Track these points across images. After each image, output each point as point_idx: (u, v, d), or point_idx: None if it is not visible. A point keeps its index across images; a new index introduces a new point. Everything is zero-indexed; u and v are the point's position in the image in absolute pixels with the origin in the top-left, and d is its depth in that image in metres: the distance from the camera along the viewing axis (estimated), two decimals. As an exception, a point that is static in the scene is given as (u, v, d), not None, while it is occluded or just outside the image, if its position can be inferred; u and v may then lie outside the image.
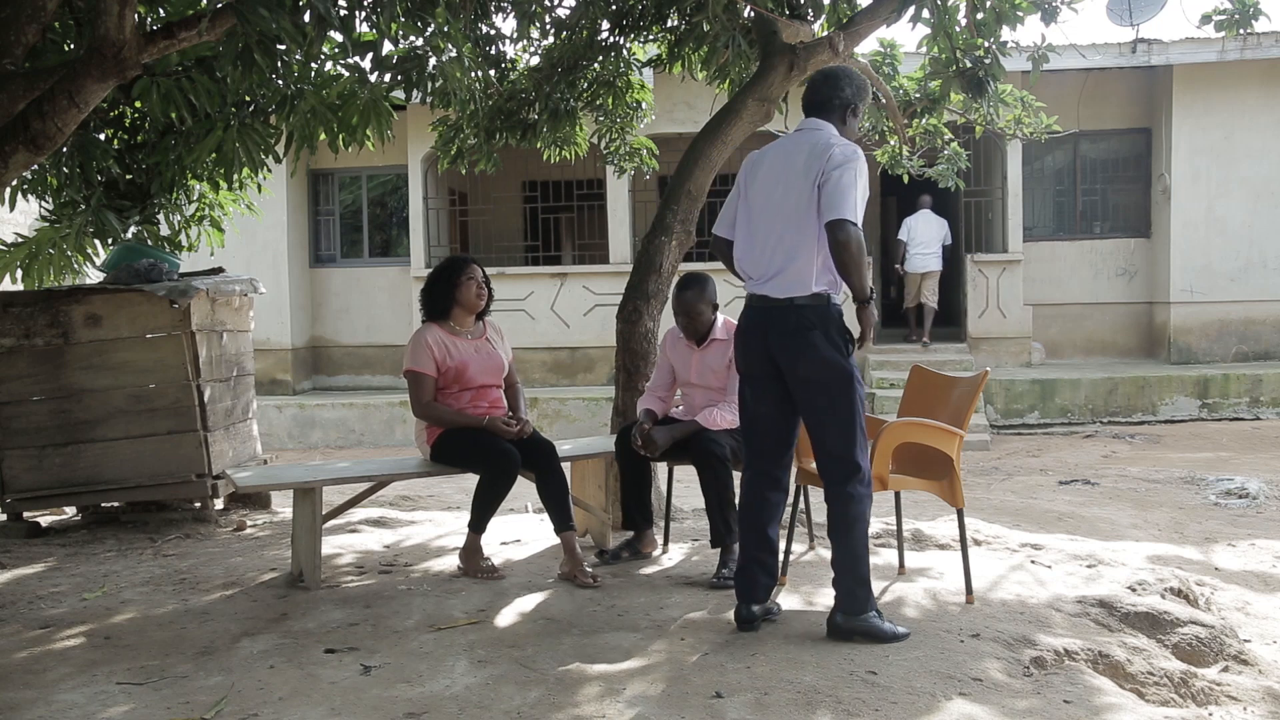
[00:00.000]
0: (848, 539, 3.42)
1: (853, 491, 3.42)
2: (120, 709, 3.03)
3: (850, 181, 3.28)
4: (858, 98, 3.56)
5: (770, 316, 3.42)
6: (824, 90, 3.54)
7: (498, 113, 6.20)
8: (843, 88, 3.53)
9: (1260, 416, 11.32)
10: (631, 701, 2.97)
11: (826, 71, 3.65)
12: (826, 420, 3.42)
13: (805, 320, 3.36)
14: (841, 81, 3.55)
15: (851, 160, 3.32)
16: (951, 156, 7.25)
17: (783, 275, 3.39)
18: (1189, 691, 3.41)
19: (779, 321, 3.39)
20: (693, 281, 4.49)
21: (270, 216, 11.72)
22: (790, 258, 3.37)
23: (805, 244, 3.35)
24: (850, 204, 3.26)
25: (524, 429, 4.43)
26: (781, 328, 3.38)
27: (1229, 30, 5.58)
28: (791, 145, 3.48)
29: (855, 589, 3.40)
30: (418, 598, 4.09)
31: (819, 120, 3.51)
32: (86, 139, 5.42)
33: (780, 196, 3.43)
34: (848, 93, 3.53)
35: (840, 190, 3.27)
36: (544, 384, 12.86)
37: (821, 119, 3.52)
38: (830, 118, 3.52)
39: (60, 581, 4.63)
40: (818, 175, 3.32)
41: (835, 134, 3.46)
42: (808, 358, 3.36)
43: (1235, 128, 12.26)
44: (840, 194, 3.26)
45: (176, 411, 5.61)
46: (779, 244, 3.41)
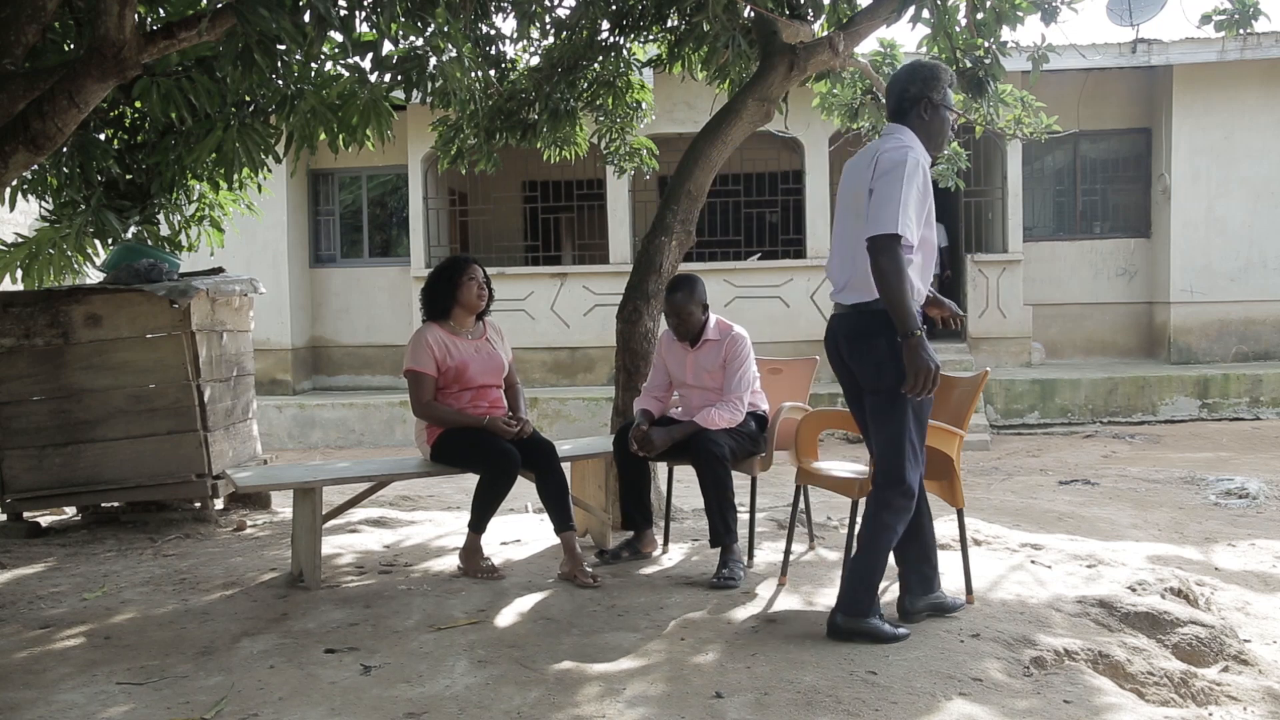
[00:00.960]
0: (870, 545, 3.40)
1: (890, 501, 3.38)
2: (120, 709, 3.03)
3: (896, 191, 3.15)
4: (927, 89, 3.38)
5: (842, 323, 3.45)
6: (894, 96, 3.45)
7: (498, 113, 6.20)
8: (906, 87, 3.41)
9: (1260, 416, 11.32)
10: (631, 701, 2.97)
11: (894, 75, 3.51)
12: (879, 426, 3.40)
13: (870, 326, 3.33)
14: (906, 80, 3.42)
15: (898, 165, 3.19)
16: (951, 156, 7.25)
17: (850, 283, 3.39)
18: (1189, 691, 3.41)
19: (847, 327, 3.40)
20: (682, 283, 4.50)
21: (270, 216, 11.73)
22: (855, 266, 3.33)
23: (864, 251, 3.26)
24: (890, 215, 3.13)
25: (524, 429, 4.43)
26: (849, 333, 3.40)
27: (1229, 30, 5.58)
28: (862, 154, 3.43)
29: (860, 593, 3.39)
30: (418, 598, 4.09)
31: (894, 125, 3.42)
32: (86, 139, 5.42)
33: (847, 206, 3.43)
34: (913, 90, 3.39)
35: (881, 200, 3.17)
36: (544, 384, 12.86)
37: (897, 123, 3.43)
38: (906, 120, 3.41)
39: (60, 581, 4.63)
40: (869, 183, 3.27)
41: (905, 136, 3.35)
42: (868, 364, 3.36)
43: (1235, 128, 12.27)
44: (881, 205, 3.16)
45: (176, 411, 5.61)
46: (846, 252, 3.40)
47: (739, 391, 4.39)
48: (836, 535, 5.09)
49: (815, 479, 4.20)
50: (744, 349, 4.46)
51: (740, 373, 4.42)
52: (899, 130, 3.37)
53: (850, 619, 3.38)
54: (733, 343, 4.45)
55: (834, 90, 6.75)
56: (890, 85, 3.49)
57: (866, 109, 6.80)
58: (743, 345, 4.46)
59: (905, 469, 3.34)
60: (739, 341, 4.46)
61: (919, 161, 3.23)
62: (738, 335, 4.48)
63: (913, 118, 3.39)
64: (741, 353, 4.44)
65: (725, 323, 4.54)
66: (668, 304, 4.51)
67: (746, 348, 4.48)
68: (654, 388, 4.67)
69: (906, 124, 3.39)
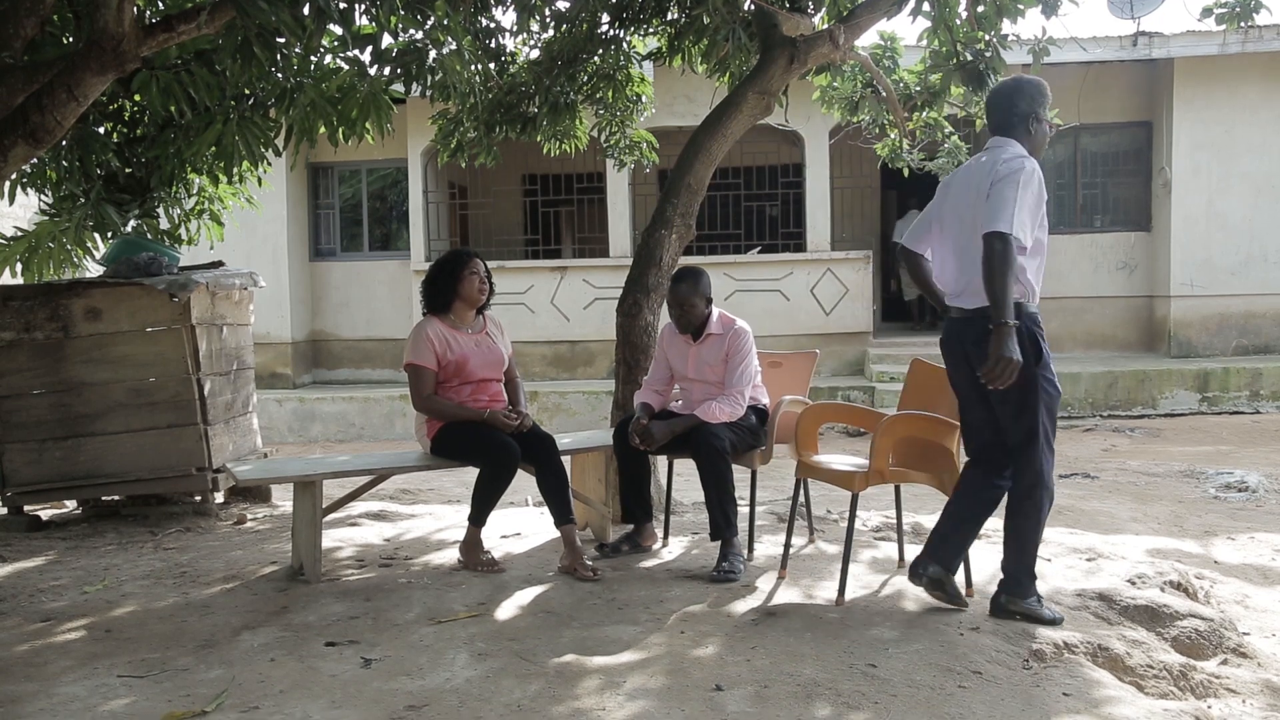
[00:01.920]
0: (1021, 535, 3.59)
1: (1029, 493, 3.55)
2: (121, 702, 3.04)
3: (1010, 194, 3.32)
4: (1034, 104, 3.58)
5: (965, 328, 3.55)
6: (1001, 110, 3.59)
7: (497, 106, 6.19)
8: (1017, 102, 3.57)
9: (1260, 410, 11.32)
10: (631, 694, 2.97)
11: (999, 90, 3.66)
12: (1012, 424, 3.53)
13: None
14: (1014, 96, 3.58)
15: (1015, 172, 3.36)
16: (952, 150, 7.25)
17: (970, 289, 3.51)
18: (1188, 684, 3.42)
19: (975, 331, 3.48)
20: (687, 275, 4.51)
21: (270, 210, 11.72)
22: (975, 272, 3.43)
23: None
24: (1007, 216, 3.30)
25: (524, 423, 4.43)
26: (975, 337, 3.48)
27: (1230, 23, 5.57)
28: (975, 166, 3.57)
29: (1021, 577, 3.60)
30: (418, 591, 4.09)
31: (1001, 139, 3.58)
32: (86, 132, 5.42)
33: (966, 214, 3.53)
34: (1022, 105, 3.57)
35: (1000, 201, 3.33)
36: (544, 378, 12.86)
37: (1004, 136, 3.58)
38: (1013, 133, 3.57)
39: (61, 575, 4.63)
40: (987, 190, 3.41)
41: (1015, 149, 3.51)
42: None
43: (1236, 122, 12.24)
44: (999, 205, 3.32)
45: (176, 405, 5.62)
46: (967, 259, 3.51)
47: (740, 386, 4.39)
48: (836, 528, 5.10)
49: (815, 472, 4.21)
50: (746, 343, 4.46)
51: (742, 367, 4.42)
52: (1008, 142, 3.54)
53: (1013, 599, 3.59)
54: (735, 337, 4.45)
55: (834, 84, 6.74)
56: (995, 99, 3.63)
57: (866, 102, 6.79)
58: (745, 340, 4.46)
59: (1042, 462, 3.53)
60: (741, 336, 4.46)
61: (1035, 170, 3.41)
62: (740, 329, 4.47)
63: (1020, 131, 3.56)
64: (744, 347, 4.44)
65: (728, 317, 4.54)
66: (671, 295, 4.52)
67: (749, 342, 4.48)
68: (654, 381, 4.67)
69: (1014, 137, 3.56)
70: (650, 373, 4.75)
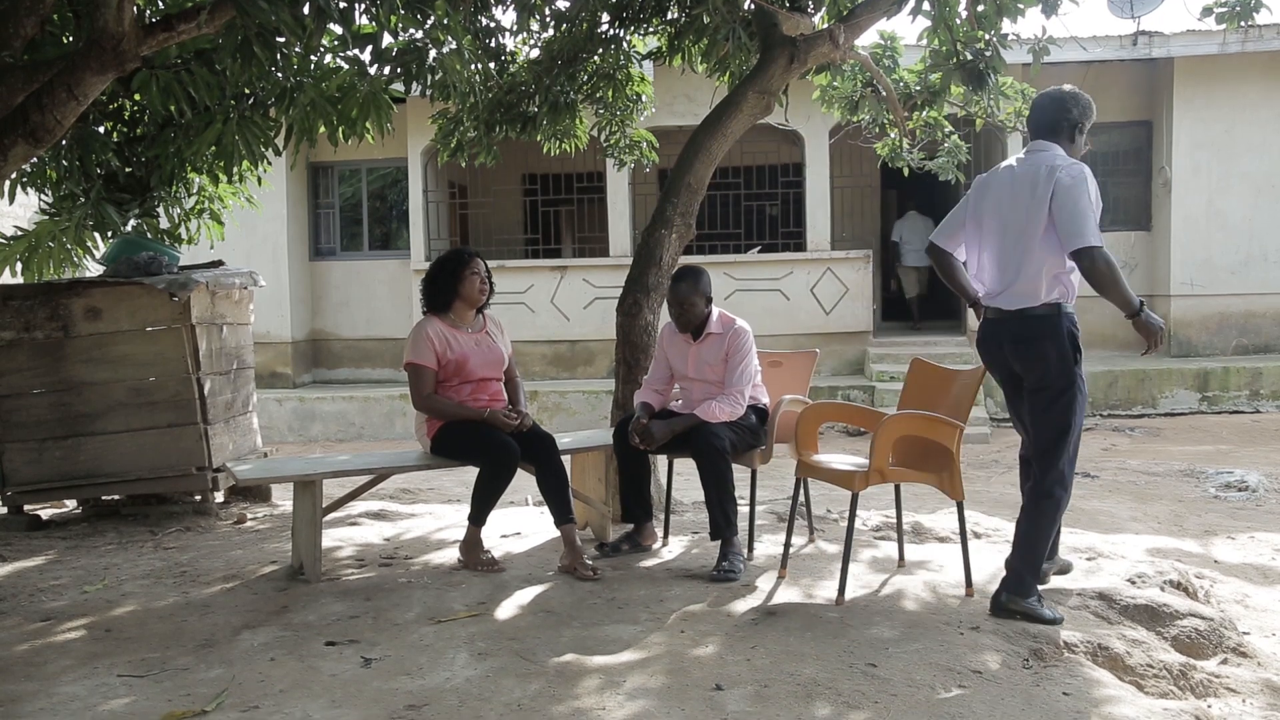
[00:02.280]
0: (1032, 531, 3.61)
1: (1050, 492, 3.59)
2: (121, 701, 3.04)
3: (1085, 205, 3.43)
4: (1084, 116, 3.70)
5: (1006, 326, 3.63)
6: (1052, 113, 3.68)
7: (497, 105, 6.19)
8: (1069, 109, 3.67)
9: (1260, 409, 11.32)
10: (631, 694, 2.97)
11: (1052, 95, 3.73)
12: (1041, 420, 3.60)
13: (1038, 330, 3.54)
14: (1068, 103, 3.68)
15: (1080, 181, 3.46)
16: (952, 149, 7.24)
17: (1014, 288, 3.58)
18: (1188, 684, 3.42)
19: (1014, 330, 3.59)
20: (687, 274, 4.51)
21: (270, 209, 11.71)
22: (1019, 272, 3.54)
23: (1034, 259, 3.51)
24: (1090, 228, 3.41)
25: (524, 422, 4.43)
26: (1016, 336, 3.59)
27: (1230, 23, 5.56)
28: (1021, 168, 3.63)
29: (1025, 575, 3.60)
30: (418, 590, 4.09)
31: (1046, 142, 3.65)
32: (86, 132, 5.42)
33: (1010, 216, 3.59)
34: (1074, 113, 3.67)
35: (1078, 215, 3.41)
36: (544, 377, 12.86)
37: (1049, 140, 3.65)
38: (1058, 139, 3.66)
39: (61, 574, 4.63)
40: (1048, 197, 3.47)
41: (1062, 154, 3.61)
42: (1038, 364, 3.55)
43: (1236, 121, 12.23)
44: (1079, 219, 3.41)
45: (176, 404, 5.62)
46: (1010, 260, 3.59)
47: (740, 385, 4.39)
48: (836, 528, 5.10)
49: (815, 472, 4.21)
50: (746, 343, 4.46)
51: (742, 366, 4.42)
52: (1052, 146, 3.63)
53: (1014, 598, 3.59)
54: (735, 336, 4.45)
55: (834, 83, 6.74)
56: (1046, 105, 3.71)
57: (866, 101, 6.79)
58: (745, 339, 4.46)
59: (1063, 462, 3.58)
60: (741, 335, 4.46)
61: (1088, 174, 3.52)
62: (740, 329, 4.47)
63: (1064, 137, 3.67)
64: (744, 347, 4.44)
65: (728, 316, 4.54)
66: (671, 294, 4.52)
67: (749, 342, 4.48)
68: (654, 381, 4.67)
69: (1057, 141, 3.65)
70: (650, 372, 4.75)
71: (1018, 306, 3.56)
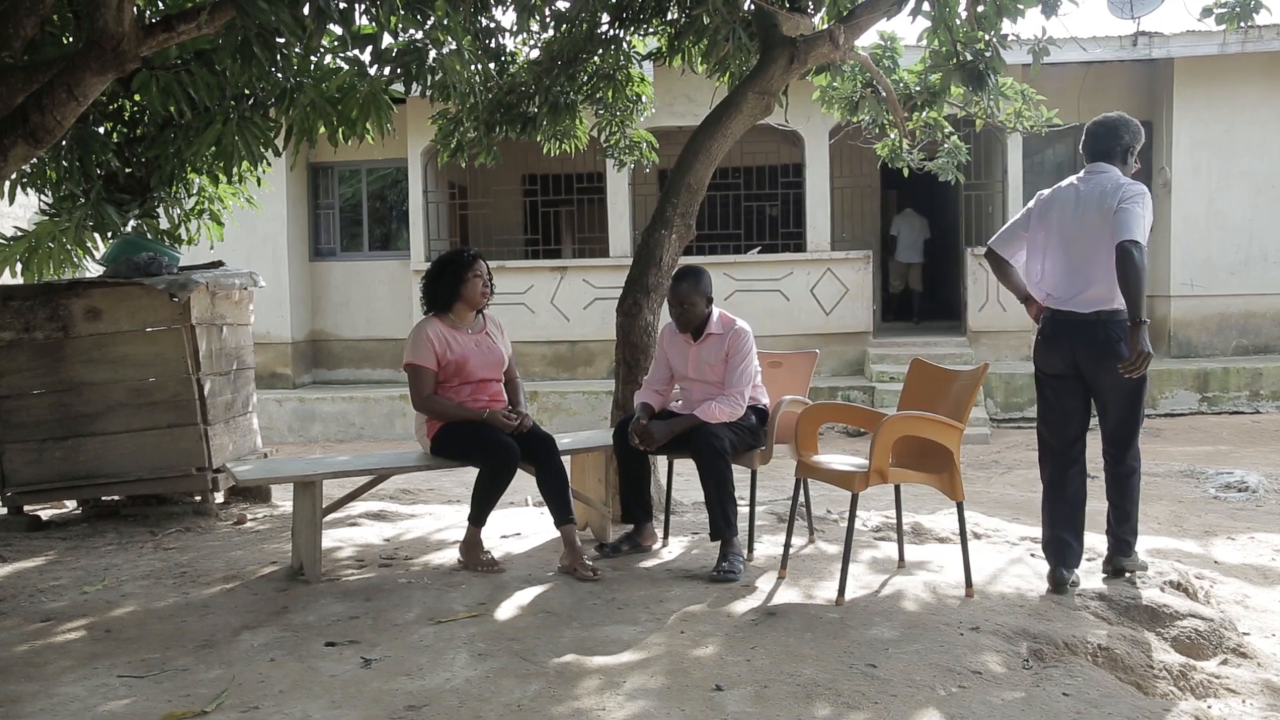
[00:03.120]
0: (1124, 503, 4.07)
1: (1132, 468, 4.06)
2: (121, 702, 3.04)
3: (1140, 212, 3.82)
4: (1135, 140, 4.07)
5: (1077, 328, 3.98)
6: (1107, 139, 4.06)
7: (497, 106, 6.19)
8: (1122, 135, 4.05)
9: (1260, 410, 11.32)
10: (631, 694, 2.97)
11: (1105, 122, 4.10)
12: (1115, 412, 4.01)
13: (1111, 333, 3.91)
14: (1120, 130, 4.06)
15: (1140, 195, 3.87)
16: (952, 150, 7.24)
17: (1086, 294, 3.94)
18: (1188, 684, 3.42)
19: (1087, 332, 3.95)
20: (688, 274, 4.52)
21: (270, 210, 11.71)
22: (1091, 280, 3.92)
23: (1105, 267, 3.86)
24: (1139, 229, 3.78)
25: (524, 423, 4.43)
26: (1089, 338, 3.94)
27: (1230, 23, 5.56)
28: (1085, 186, 4.02)
29: (1126, 537, 4.11)
30: (418, 591, 4.09)
31: (1104, 165, 4.04)
32: (86, 132, 5.42)
33: (1076, 230, 3.97)
34: (1126, 139, 4.06)
35: (1132, 217, 3.81)
36: (544, 378, 12.86)
37: (1106, 163, 4.04)
38: (1113, 162, 4.04)
39: (61, 575, 4.63)
40: (1114, 207, 3.86)
41: (1121, 175, 4.00)
42: (1108, 362, 3.88)
43: (1236, 121, 12.24)
44: (1131, 220, 3.80)
45: (176, 405, 5.62)
46: (1079, 269, 3.96)
47: (740, 386, 4.39)
48: (836, 528, 5.10)
49: (815, 472, 4.21)
50: (746, 344, 4.46)
51: (742, 367, 4.42)
52: (1109, 168, 4.02)
53: (1122, 559, 4.12)
54: (735, 337, 4.45)
55: (834, 83, 6.74)
56: (1100, 132, 4.09)
57: (866, 102, 6.79)
58: (745, 340, 4.46)
59: (1136, 440, 4.05)
60: (741, 336, 4.46)
61: (1146, 192, 3.92)
62: (740, 330, 4.47)
63: (1118, 159, 4.04)
64: (744, 347, 4.44)
65: (728, 317, 4.54)
66: (672, 294, 4.52)
67: (749, 342, 4.48)
68: (654, 381, 4.67)
69: (1111, 163, 4.03)
70: (650, 372, 4.75)
71: (1093, 309, 3.92)
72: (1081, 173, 4.08)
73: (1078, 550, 4.06)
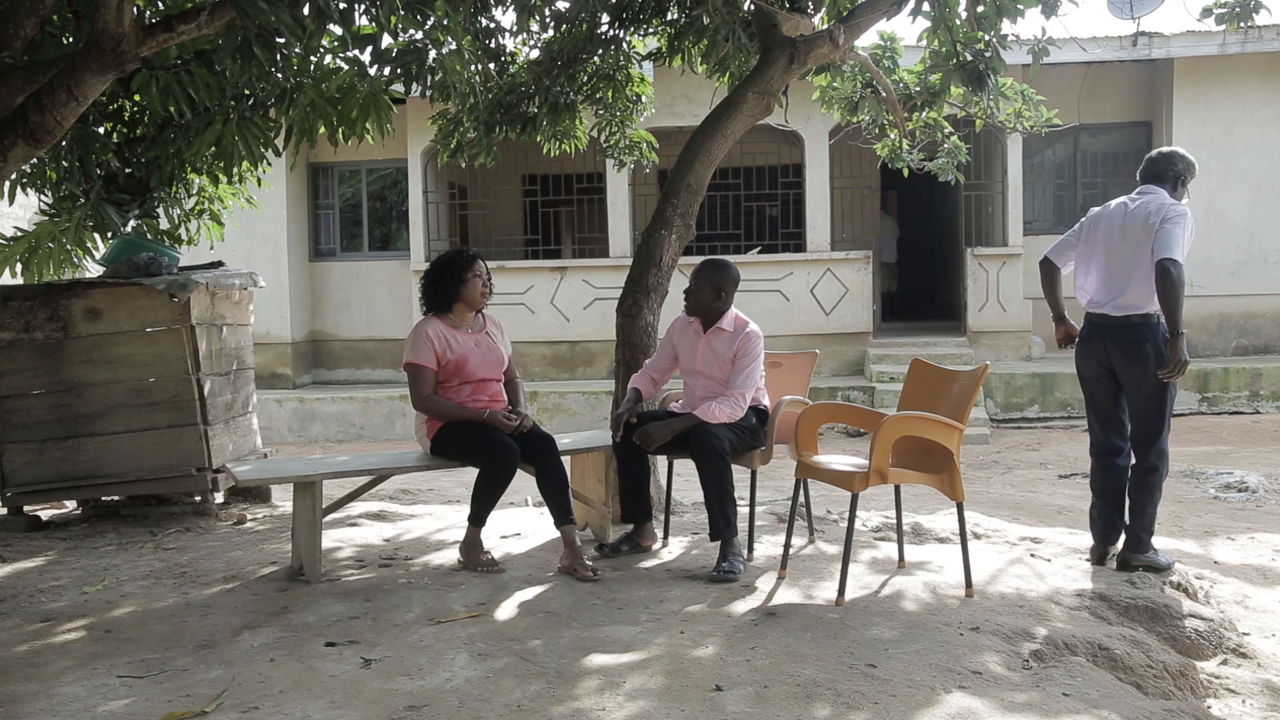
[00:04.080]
0: (1142, 499, 4.32)
1: (1154, 466, 4.31)
2: (121, 702, 3.04)
3: (1180, 232, 4.17)
4: (1187, 172, 4.44)
5: (1109, 329, 4.34)
6: (1161, 164, 4.44)
7: (497, 106, 6.19)
8: (1175, 164, 4.42)
9: (1260, 410, 11.32)
10: (631, 694, 2.97)
11: (1164, 151, 4.49)
12: (1142, 410, 4.30)
13: (1140, 333, 4.27)
14: (1175, 160, 4.43)
15: (1183, 217, 4.22)
16: (952, 150, 7.24)
17: (1120, 300, 4.31)
18: (1188, 684, 3.42)
19: (1118, 333, 4.30)
20: (711, 263, 4.59)
21: (270, 210, 11.71)
22: (1127, 287, 4.28)
23: (1141, 277, 4.24)
24: (1178, 247, 4.14)
25: (524, 423, 4.43)
26: (1120, 338, 4.30)
27: (1230, 23, 5.56)
28: (1134, 205, 4.37)
29: (1142, 535, 4.34)
30: (418, 591, 4.09)
31: (1154, 186, 4.40)
32: (85, 132, 5.42)
33: (1120, 242, 4.33)
34: (1180, 168, 4.42)
35: (1172, 237, 4.15)
36: (544, 378, 12.86)
37: (1157, 185, 4.39)
38: (1164, 185, 4.39)
39: (60, 575, 4.63)
40: (1156, 225, 4.20)
41: (1168, 197, 4.35)
42: (1139, 361, 4.24)
43: (1236, 121, 12.24)
44: (1171, 239, 4.15)
45: (176, 405, 5.62)
46: (1117, 277, 4.32)
47: (743, 388, 4.39)
48: (836, 529, 5.10)
49: (815, 472, 4.21)
50: (755, 347, 4.45)
51: (748, 370, 4.41)
52: (1159, 190, 4.37)
53: (1134, 555, 4.32)
54: (745, 339, 4.45)
55: (834, 84, 6.74)
56: (1157, 159, 4.46)
57: (866, 102, 6.79)
58: (755, 344, 4.45)
59: (1164, 439, 4.31)
60: (752, 339, 4.45)
61: (1190, 215, 4.27)
62: (752, 333, 4.47)
63: (1169, 185, 4.40)
64: (752, 350, 4.44)
65: (742, 318, 4.54)
66: (691, 277, 4.57)
67: (758, 347, 4.47)
68: (654, 367, 4.72)
69: (1162, 187, 4.38)
70: (653, 358, 4.78)
71: (1123, 313, 4.27)
72: (1134, 192, 4.43)
73: (1118, 527, 4.40)
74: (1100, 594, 3.96)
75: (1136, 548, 4.35)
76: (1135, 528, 4.35)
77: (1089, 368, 4.47)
